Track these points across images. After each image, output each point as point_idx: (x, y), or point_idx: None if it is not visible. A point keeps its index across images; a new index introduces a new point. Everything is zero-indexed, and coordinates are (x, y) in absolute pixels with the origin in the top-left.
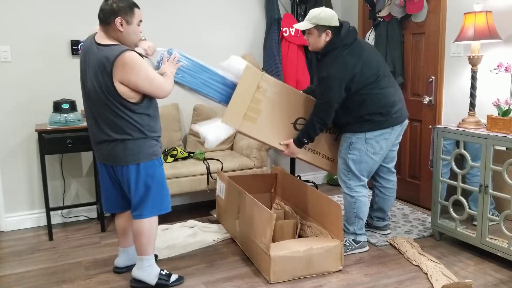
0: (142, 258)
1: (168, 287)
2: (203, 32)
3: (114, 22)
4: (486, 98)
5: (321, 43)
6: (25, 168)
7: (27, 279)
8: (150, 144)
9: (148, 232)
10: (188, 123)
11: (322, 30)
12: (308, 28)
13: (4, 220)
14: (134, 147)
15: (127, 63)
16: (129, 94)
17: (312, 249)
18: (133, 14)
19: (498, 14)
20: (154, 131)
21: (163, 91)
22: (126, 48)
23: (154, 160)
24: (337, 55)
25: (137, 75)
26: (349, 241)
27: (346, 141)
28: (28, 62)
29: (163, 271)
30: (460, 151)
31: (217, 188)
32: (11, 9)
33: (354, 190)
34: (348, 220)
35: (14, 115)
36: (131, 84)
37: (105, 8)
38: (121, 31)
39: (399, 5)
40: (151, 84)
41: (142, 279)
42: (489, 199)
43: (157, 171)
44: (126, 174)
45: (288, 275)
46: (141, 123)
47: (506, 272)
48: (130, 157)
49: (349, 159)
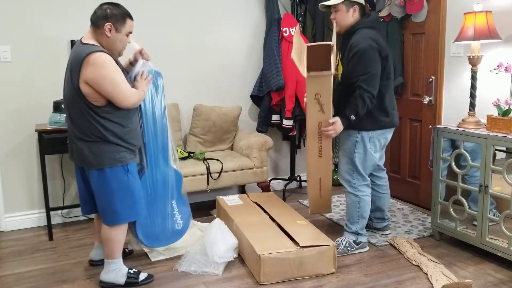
0: (109, 262)
1: (138, 285)
2: (203, 32)
3: (104, 26)
4: (486, 98)
5: (349, 20)
6: (25, 168)
7: (27, 279)
8: (114, 150)
9: (116, 237)
10: (188, 123)
11: (350, 6)
12: (336, 4)
13: (4, 220)
14: (96, 150)
15: (95, 62)
16: (93, 96)
17: (304, 251)
18: (124, 23)
19: (498, 14)
20: (120, 138)
21: (125, 100)
22: (100, 49)
23: (118, 167)
24: (369, 33)
25: (103, 76)
26: (349, 242)
27: (350, 139)
28: (28, 62)
29: (131, 270)
30: (460, 151)
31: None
32: (11, 9)
33: (359, 189)
34: (351, 219)
35: (14, 115)
36: (96, 85)
37: (98, 11)
38: (108, 37)
39: (399, 5)
40: (114, 89)
41: (111, 281)
42: (489, 199)
43: (121, 178)
44: (91, 177)
45: (278, 277)
46: (105, 126)
47: (506, 272)
48: (94, 160)
49: (356, 157)
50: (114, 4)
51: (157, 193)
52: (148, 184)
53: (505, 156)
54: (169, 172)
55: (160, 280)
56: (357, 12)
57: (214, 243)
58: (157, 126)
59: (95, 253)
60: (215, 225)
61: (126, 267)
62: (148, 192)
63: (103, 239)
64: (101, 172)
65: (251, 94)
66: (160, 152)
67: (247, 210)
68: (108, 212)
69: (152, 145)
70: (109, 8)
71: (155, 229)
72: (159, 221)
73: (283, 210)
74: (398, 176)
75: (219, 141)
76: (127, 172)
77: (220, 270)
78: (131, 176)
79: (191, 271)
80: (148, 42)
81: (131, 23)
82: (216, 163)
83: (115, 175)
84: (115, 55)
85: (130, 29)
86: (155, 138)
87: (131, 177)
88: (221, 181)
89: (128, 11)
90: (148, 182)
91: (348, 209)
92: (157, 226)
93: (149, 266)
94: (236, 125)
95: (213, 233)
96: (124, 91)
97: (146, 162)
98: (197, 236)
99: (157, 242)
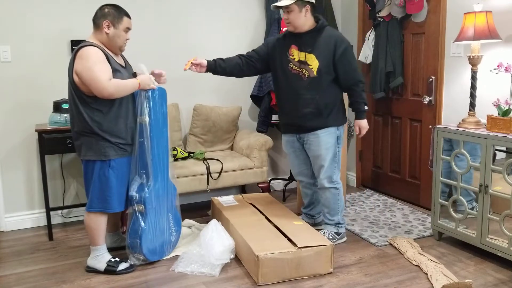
0: (92, 248)
1: (116, 273)
2: (204, 32)
3: (102, 24)
4: (486, 98)
5: (301, 20)
6: (25, 168)
7: (27, 279)
8: (100, 144)
9: (95, 224)
10: (188, 123)
11: (302, 6)
12: (288, 5)
13: (4, 220)
14: (86, 143)
15: (82, 55)
16: (82, 87)
17: (302, 251)
18: (121, 20)
19: (498, 14)
20: (106, 131)
21: (101, 89)
22: (90, 43)
23: (102, 161)
24: (334, 30)
25: (84, 66)
26: (332, 234)
27: (331, 136)
28: (28, 62)
29: (112, 259)
30: (460, 151)
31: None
32: (11, 9)
33: (337, 182)
34: (332, 211)
35: (14, 115)
36: (80, 75)
37: (98, 12)
38: (107, 33)
39: (399, 5)
40: (90, 77)
41: (94, 266)
42: (489, 199)
43: (103, 172)
44: (83, 167)
45: (277, 277)
46: (91, 117)
47: (506, 272)
48: (83, 151)
49: (339, 151)
50: (113, 5)
51: (161, 207)
52: (153, 199)
53: (505, 156)
54: (170, 185)
55: (159, 280)
56: (309, 11)
57: (210, 245)
58: (163, 142)
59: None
60: (211, 226)
61: (109, 255)
62: (153, 206)
63: (84, 225)
64: (86, 163)
65: (251, 94)
66: (165, 167)
67: (243, 211)
68: (89, 199)
69: (157, 160)
70: (107, 8)
71: (157, 243)
72: (161, 235)
73: (279, 211)
74: (398, 176)
75: (219, 141)
76: (109, 167)
77: (217, 271)
78: (113, 171)
79: (188, 271)
80: (149, 42)
81: (127, 20)
82: (216, 163)
83: (97, 167)
84: (116, 51)
85: (127, 25)
86: (160, 154)
87: (112, 172)
88: (221, 181)
89: (126, 11)
90: (153, 197)
91: (326, 203)
92: (158, 240)
93: (148, 266)
94: (236, 125)
95: (209, 234)
96: (100, 80)
97: (152, 177)
98: (194, 236)
99: (157, 255)
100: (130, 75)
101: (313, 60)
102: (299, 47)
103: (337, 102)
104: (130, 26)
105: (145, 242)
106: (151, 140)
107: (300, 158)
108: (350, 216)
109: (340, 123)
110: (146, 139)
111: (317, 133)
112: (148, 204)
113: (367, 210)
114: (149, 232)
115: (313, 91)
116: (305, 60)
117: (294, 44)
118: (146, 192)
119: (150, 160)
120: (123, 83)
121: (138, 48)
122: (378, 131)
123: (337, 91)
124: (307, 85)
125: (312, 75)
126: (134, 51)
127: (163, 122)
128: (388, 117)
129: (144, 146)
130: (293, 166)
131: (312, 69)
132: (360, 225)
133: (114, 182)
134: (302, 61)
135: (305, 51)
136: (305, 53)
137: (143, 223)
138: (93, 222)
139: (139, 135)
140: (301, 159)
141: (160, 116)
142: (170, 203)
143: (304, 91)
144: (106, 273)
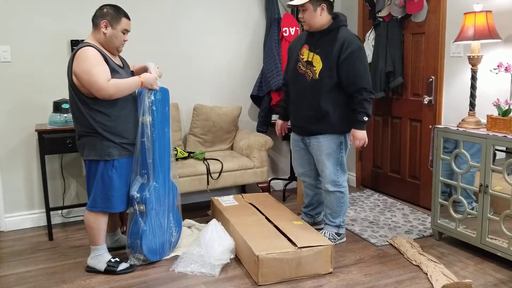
0: (92, 248)
1: (116, 273)
2: (204, 32)
3: (100, 23)
4: (486, 98)
5: (316, 18)
6: (25, 168)
7: (27, 279)
8: (104, 145)
9: (96, 224)
10: (188, 123)
11: (317, 4)
12: (303, 3)
13: (4, 220)
14: (90, 143)
15: (79, 56)
16: (82, 88)
17: (302, 251)
18: (119, 21)
19: (498, 14)
20: (109, 132)
21: (100, 90)
22: (88, 44)
23: (105, 161)
24: (349, 31)
25: (82, 68)
26: (332, 234)
27: (335, 142)
28: (28, 62)
29: (112, 259)
30: (460, 150)
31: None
32: (11, 9)
33: (342, 185)
34: (334, 213)
35: (14, 115)
36: (78, 77)
37: (97, 12)
38: (104, 33)
39: (399, 5)
40: (89, 79)
41: (94, 266)
42: (489, 199)
43: (106, 172)
44: (85, 166)
45: (277, 277)
46: (94, 118)
47: (506, 272)
48: (86, 151)
49: (342, 157)
50: (113, 5)
51: (162, 207)
52: (154, 199)
53: (505, 156)
54: (171, 185)
55: (159, 280)
56: (325, 10)
57: (210, 245)
58: (165, 142)
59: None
60: (211, 226)
61: (109, 255)
62: (154, 206)
63: (85, 224)
64: (89, 162)
65: (251, 94)
66: (166, 167)
67: (242, 211)
68: (89, 197)
69: (159, 160)
70: (106, 8)
71: (158, 243)
72: (161, 235)
73: (279, 211)
74: (398, 176)
75: (219, 141)
76: (112, 167)
77: (217, 271)
78: (116, 171)
79: (188, 271)
80: (149, 42)
81: (126, 21)
82: (216, 163)
83: (101, 167)
84: (113, 52)
85: (125, 26)
86: (161, 154)
87: (115, 172)
88: (221, 181)
89: (125, 11)
90: (154, 197)
91: (330, 205)
92: (159, 240)
93: (148, 266)
94: (236, 125)
95: (209, 234)
96: (99, 82)
97: (153, 177)
98: (194, 236)
99: (157, 256)
100: (128, 75)
101: (318, 62)
102: (309, 47)
103: (340, 109)
104: (128, 28)
105: (146, 242)
106: (153, 140)
107: (304, 158)
108: (350, 216)
109: (344, 131)
110: (148, 139)
111: (318, 138)
112: (149, 204)
113: (367, 210)
114: (149, 232)
115: (315, 94)
116: (312, 61)
117: (307, 44)
118: (147, 192)
119: (152, 160)
120: (124, 82)
121: (138, 48)
122: (378, 131)
123: (341, 97)
124: (310, 87)
125: (314, 77)
126: (134, 51)
127: (165, 123)
128: (388, 117)
129: (146, 146)
130: (297, 166)
131: (315, 71)
132: (360, 225)
133: (117, 182)
134: (309, 62)
135: (314, 52)
136: (313, 53)
137: (143, 223)
138: (94, 222)
139: (141, 135)
140: (305, 159)
141: (162, 117)
142: (171, 203)
143: (307, 93)
144: (106, 273)
